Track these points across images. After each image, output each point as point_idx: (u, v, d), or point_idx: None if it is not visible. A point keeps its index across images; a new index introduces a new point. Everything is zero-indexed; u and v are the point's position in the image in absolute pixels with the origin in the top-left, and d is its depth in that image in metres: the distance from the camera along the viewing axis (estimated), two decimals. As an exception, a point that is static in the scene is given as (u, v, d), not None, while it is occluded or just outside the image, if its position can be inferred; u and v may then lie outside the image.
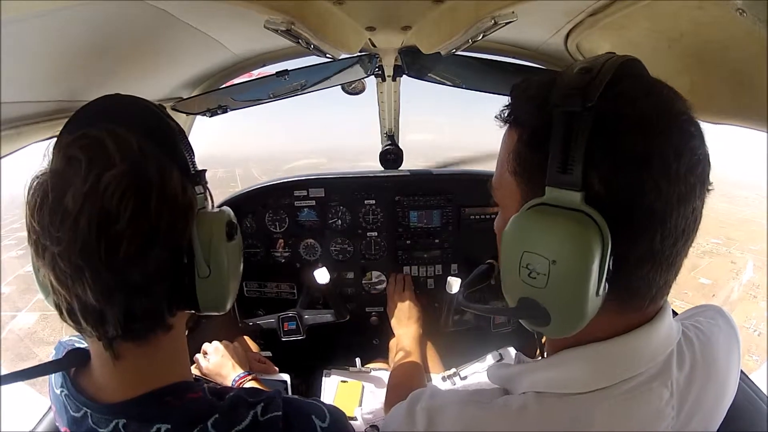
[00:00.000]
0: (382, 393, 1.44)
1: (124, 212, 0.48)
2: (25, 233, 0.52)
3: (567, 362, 0.55)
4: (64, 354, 0.62)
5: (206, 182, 0.62)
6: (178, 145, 0.59)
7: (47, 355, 0.66)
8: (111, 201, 0.48)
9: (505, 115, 0.56)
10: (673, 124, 0.47)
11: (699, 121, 0.50)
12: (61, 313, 0.54)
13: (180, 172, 0.55)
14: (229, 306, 0.63)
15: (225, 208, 0.62)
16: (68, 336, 0.71)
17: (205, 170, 0.61)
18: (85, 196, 0.47)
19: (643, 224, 0.46)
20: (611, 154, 0.45)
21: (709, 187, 0.50)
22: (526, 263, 0.48)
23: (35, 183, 0.50)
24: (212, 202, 0.63)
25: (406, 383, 0.75)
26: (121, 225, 0.48)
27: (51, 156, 0.52)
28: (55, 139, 0.55)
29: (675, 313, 1.06)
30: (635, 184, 0.45)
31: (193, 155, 0.61)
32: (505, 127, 0.57)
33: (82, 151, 0.49)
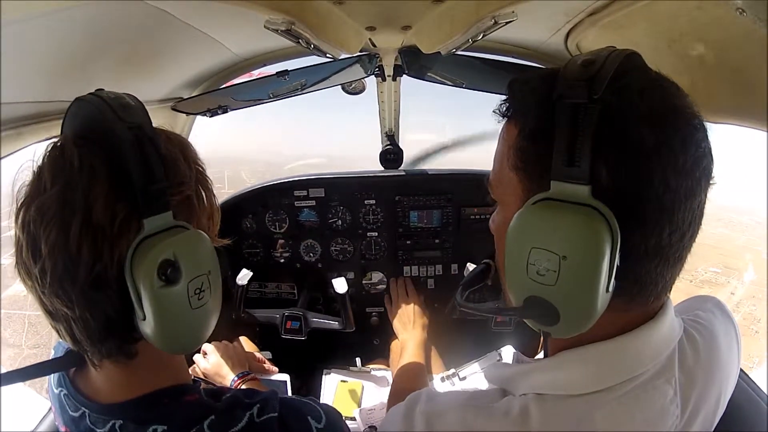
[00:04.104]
0: (381, 393, 1.45)
1: (45, 242, 0.47)
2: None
3: (567, 363, 0.54)
4: (63, 354, 0.62)
5: (169, 200, 0.52)
6: (131, 159, 0.48)
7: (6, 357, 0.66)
8: (38, 230, 0.47)
9: (504, 108, 0.55)
10: (680, 117, 0.47)
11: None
12: None
13: (116, 196, 0.48)
14: (195, 347, 0.58)
15: (180, 236, 0.51)
16: None
17: (168, 186, 0.51)
18: (22, 221, 0.49)
19: (652, 218, 0.45)
20: (619, 146, 0.45)
21: (712, 182, 0.49)
22: (534, 260, 0.47)
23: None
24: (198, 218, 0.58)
25: (409, 389, 0.73)
26: (43, 255, 0.47)
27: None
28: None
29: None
30: (644, 177, 0.44)
31: (158, 169, 0.50)
32: (503, 122, 0.56)
33: (33, 175, 0.51)
